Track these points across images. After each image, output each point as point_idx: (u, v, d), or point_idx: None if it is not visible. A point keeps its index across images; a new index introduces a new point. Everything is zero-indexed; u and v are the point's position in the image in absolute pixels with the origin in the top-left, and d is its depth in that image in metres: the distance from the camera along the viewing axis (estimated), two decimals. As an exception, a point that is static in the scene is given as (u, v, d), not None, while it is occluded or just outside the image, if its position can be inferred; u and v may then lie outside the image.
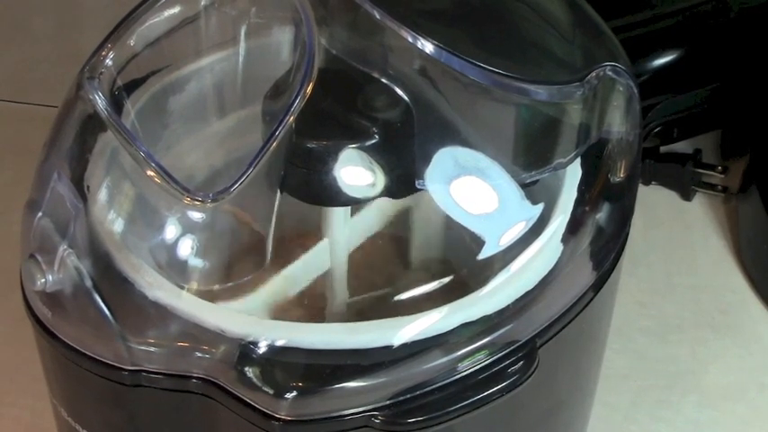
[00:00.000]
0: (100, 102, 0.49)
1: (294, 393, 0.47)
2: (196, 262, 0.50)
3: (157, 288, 0.49)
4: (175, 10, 0.53)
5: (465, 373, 0.49)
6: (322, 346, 0.48)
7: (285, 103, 0.50)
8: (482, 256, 0.51)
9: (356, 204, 0.53)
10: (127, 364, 0.49)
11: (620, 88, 0.55)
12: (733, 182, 0.83)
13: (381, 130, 0.51)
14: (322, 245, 0.56)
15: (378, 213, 0.58)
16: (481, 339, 0.49)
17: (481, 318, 0.49)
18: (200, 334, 0.48)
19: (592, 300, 0.53)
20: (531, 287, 0.50)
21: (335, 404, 0.48)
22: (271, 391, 0.47)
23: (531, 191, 0.53)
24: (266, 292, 0.53)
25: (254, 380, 0.47)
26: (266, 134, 0.49)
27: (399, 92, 0.52)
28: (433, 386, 0.49)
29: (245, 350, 0.48)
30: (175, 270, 0.49)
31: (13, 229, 0.52)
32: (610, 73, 0.54)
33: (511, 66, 0.51)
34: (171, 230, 0.49)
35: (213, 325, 0.48)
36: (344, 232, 0.56)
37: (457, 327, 0.49)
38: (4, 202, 0.81)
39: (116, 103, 0.51)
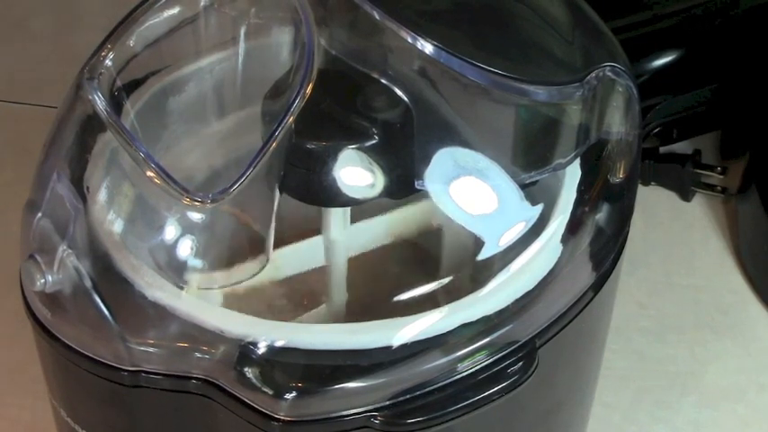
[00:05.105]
0: (99, 102, 0.49)
1: (294, 394, 0.47)
2: (196, 262, 0.50)
3: (157, 288, 0.49)
4: (175, 10, 0.53)
5: (465, 374, 0.49)
6: (322, 346, 0.48)
7: (285, 104, 0.50)
8: (482, 256, 0.51)
9: (356, 205, 0.53)
10: (126, 365, 0.49)
11: (620, 89, 0.55)
12: (732, 182, 0.83)
13: (381, 131, 0.51)
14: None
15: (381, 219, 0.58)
16: (481, 340, 0.49)
17: (481, 318, 0.49)
18: (199, 334, 0.48)
19: (591, 300, 0.53)
20: (531, 287, 0.50)
21: (335, 405, 0.48)
22: (270, 392, 0.47)
23: (530, 191, 0.53)
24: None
25: (254, 380, 0.47)
26: (266, 134, 0.49)
27: (399, 92, 0.52)
28: (433, 386, 0.49)
29: (244, 351, 0.48)
30: (175, 270, 0.49)
31: (12, 229, 0.52)
32: (609, 73, 0.54)
33: (510, 66, 0.51)
34: (170, 231, 0.49)
35: (213, 325, 0.48)
36: (344, 232, 0.56)
37: (457, 327, 0.49)
38: (4, 202, 0.81)
39: (116, 104, 0.51)
